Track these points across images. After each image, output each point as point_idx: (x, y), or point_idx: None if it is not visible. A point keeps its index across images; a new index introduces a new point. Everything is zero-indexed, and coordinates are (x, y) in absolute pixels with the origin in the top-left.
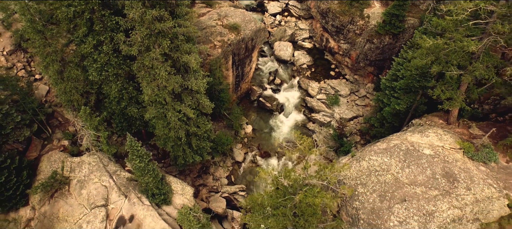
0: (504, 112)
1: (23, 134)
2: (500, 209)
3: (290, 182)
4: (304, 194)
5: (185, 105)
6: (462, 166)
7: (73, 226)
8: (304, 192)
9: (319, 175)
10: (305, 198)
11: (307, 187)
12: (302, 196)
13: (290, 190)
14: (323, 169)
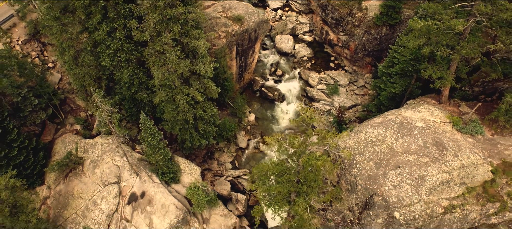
0: (492, 93)
1: (39, 117)
2: (484, 174)
3: (294, 147)
4: (307, 157)
5: (193, 89)
6: (451, 137)
7: (88, 202)
8: (307, 155)
9: (321, 141)
10: (308, 161)
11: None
12: (305, 159)
13: (294, 158)
14: (324, 136)
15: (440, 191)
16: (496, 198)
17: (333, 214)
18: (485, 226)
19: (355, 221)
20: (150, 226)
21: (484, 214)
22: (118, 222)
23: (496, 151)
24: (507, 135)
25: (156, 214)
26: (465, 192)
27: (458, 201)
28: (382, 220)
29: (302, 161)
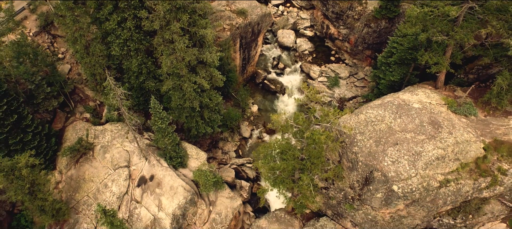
0: (485, 79)
1: (51, 104)
2: (476, 151)
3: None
4: (311, 132)
5: (200, 77)
6: (445, 117)
7: (99, 185)
8: (311, 130)
9: (324, 118)
10: (312, 136)
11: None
12: (309, 134)
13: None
14: (327, 113)
15: (436, 165)
16: (487, 173)
17: (335, 192)
18: (477, 199)
19: (356, 197)
20: (159, 207)
21: (477, 188)
22: (128, 203)
23: (488, 130)
24: (499, 116)
25: (165, 195)
26: (459, 167)
27: (452, 175)
28: (382, 195)
29: (306, 136)
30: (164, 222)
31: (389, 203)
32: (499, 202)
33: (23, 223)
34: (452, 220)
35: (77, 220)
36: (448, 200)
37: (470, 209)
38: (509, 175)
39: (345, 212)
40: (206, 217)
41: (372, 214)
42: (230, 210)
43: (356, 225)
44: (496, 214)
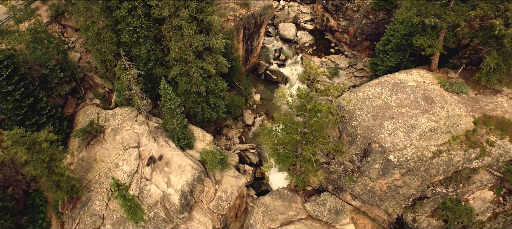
0: (477, 63)
1: (64, 89)
2: (466, 124)
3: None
4: (314, 104)
5: (206, 63)
6: (438, 93)
7: (110, 164)
8: (313, 102)
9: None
10: (314, 107)
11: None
12: (312, 105)
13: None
14: (328, 88)
15: (429, 137)
16: (477, 144)
17: (335, 166)
18: (467, 169)
19: (355, 170)
20: (168, 184)
21: (467, 158)
22: (138, 181)
23: (478, 107)
24: (488, 94)
25: (174, 173)
26: (450, 139)
27: (444, 147)
28: (379, 165)
29: (309, 108)
30: (173, 198)
31: (386, 172)
32: (487, 171)
33: (37, 202)
34: (445, 189)
35: (90, 198)
36: (441, 170)
37: (461, 178)
38: (496, 146)
39: (345, 185)
40: (212, 195)
41: (371, 185)
42: (235, 188)
43: (355, 197)
44: (485, 183)
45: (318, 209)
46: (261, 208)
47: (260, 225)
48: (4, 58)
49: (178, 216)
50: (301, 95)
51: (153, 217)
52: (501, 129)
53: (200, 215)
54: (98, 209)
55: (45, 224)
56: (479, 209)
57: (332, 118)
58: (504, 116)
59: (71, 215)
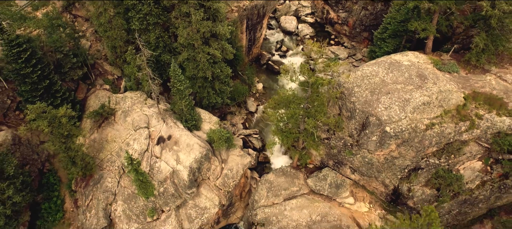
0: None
1: (76, 73)
2: (457, 99)
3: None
4: (316, 78)
5: (213, 48)
6: (431, 71)
7: (121, 144)
8: (315, 77)
9: (326, 68)
10: (316, 81)
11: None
12: (314, 79)
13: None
14: (328, 64)
15: (422, 110)
16: (466, 118)
17: (335, 141)
18: (458, 142)
19: (354, 144)
20: (177, 161)
21: (457, 131)
22: (149, 159)
23: (468, 84)
24: (478, 73)
25: (182, 151)
26: (442, 113)
27: (436, 120)
28: (376, 138)
29: (311, 82)
30: (182, 174)
31: (383, 144)
32: (476, 143)
33: (51, 181)
34: (437, 160)
35: (102, 175)
36: (433, 141)
37: (452, 149)
38: (484, 120)
39: (345, 158)
40: (219, 173)
41: (369, 157)
42: (241, 166)
43: (354, 170)
44: (474, 154)
45: (320, 184)
46: (265, 185)
47: (264, 200)
48: (23, 42)
49: (187, 192)
50: (304, 71)
51: (163, 192)
52: (489, 103)
53: (207, 192)
54: (110, 186)
55: (59, 202)
56: (469, 178)
57: (332, 93)
58: (492, 92)
59: (84, 192)
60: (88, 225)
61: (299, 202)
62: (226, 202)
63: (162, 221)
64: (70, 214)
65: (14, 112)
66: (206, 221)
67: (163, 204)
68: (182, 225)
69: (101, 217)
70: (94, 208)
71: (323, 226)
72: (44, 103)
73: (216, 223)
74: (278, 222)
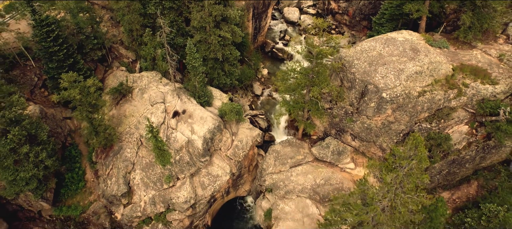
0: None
1: (96, 54)
2: (446, 70)
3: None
4: (320, 49)
5: (224, 31)
6: (423, 46)
7: (139, 118)
8: (319, 48)
9: (329, 41)
10: (320, 51)
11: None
12: (318, 50)
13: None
14: (331, 37)
15: (415, 79)
16: (455, 86)
17: (337, 110)
18: (447, 108)
19: (355, 111)
20: (192, 132)
21: (446, 98)
22: (166, 130)
23: (456, 58)
24: (466, 49)
25: (196, 123)
26: (433, 81)
27: (428, 88)
28: (374, 104)
29: (315, 52)
30: (197, 143)
31: (380, 109)
32: (463, 109)
33: (73, 153)
34: (429, 125)
35: (121, 147)
36: (425, 107)
37: (442, 115)
38: (470, 88)
39: (346, 126)
40: (229, 144)
41: (367, 122)
42: (250, 138)
43: (355, 137)
44: (461, 118)
45: (323, 151)
46: (272, 154)
47: (272, 168)
48: (51, 23)
49: (200, 160)
50: (309, 44)
51: (179, 160)
52: (475, 74)
53: (219, 161)
54: (129, 156)
55: (81, 172)
56: (457, 140)
57: (335, 64)
58: (478, 64)
59: (105, 162)
60: (109, 191)
61: (304, 168)
62: (236, 171)
63: (177, 187)
64: (90, 183)
65: (40, 90)
66: (218, 188)
67: (178, 171)
68: (196, 191)
69: (121, 183)
70: (115, 176)
71: (326, 188)
72: (76, 73)
73: (227, 194)
74: (285, 187)
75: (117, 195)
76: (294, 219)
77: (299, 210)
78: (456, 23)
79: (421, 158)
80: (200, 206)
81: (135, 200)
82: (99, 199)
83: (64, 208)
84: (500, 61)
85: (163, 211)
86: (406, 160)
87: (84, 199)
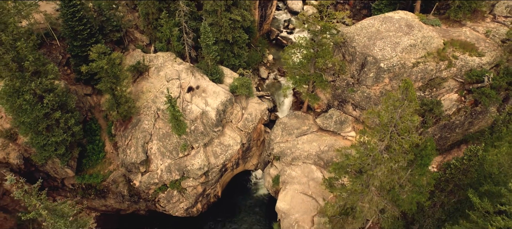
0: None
1: (115, 36)
2: (438, 44)
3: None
4: (324, 23)
5: (234, 15)
6: (417, 23)
7: (156, 93)
8: (324, 22)
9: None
10: (325, 25)
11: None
12: (323, 24)
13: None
14: (334, 13)
15: (409, 51)
16: (445, 58)
17: (340, 82)
18: (439, 78)
19: (355, 82)
20: (206, 104)
21: (438, 69)
22: (181, 103)
23: (447, 34)
24: (456, 27)
25: (210, 97)
26: (426, 54)
27: (421, 59)
28: (373, 74)
29: (320, 25)
30: (210, 114)
31: (378, 78)
32: (453, 79)
33: (93, 127)
34: (422, 93)
35: (139, 119)
36: (419, 76)
37: (434, 84)
38: (459, 59)
39: (347, 96)
40: (240, 117)
41: (367, 91)
42: (259, 111)
43: (356, 106)
44: (452, 87)
45: (326, 121)
46: (280, 126)
47: (279, 138)
48: (77, 3)
49: (214, 130)
50: (315, 18)
51: (193, 130)
52: (463, 47)
53: (230, 132)
54: (147, 127)
55: (101, 144)
56: (447, 107)
57: (337, 38)
58: (466, 39)
59: (124, 134)
60: (129, 160)
61: (309, 137)
62: (246, 142)
63: (192, 156)
64: (110, 155)
65: (63, 68)
66: (229, 157)
67: (193, 140)
68: (209, 160)
69: (140, 152)
70: (134, 145)
71: (330, 154)
72: (104, 45)
73: (236, 166)
74: (291, 154)
75: (136, 163)
76: (301, 182)
77: (305, 174)
78: (448, 5)
79: (411, 98)
80: (213, 174)
81: (152, 168)
82: (118, 169)
83: (86, 176)
84: (487, 36)
85: (178, 178)
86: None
87: (104, 169)
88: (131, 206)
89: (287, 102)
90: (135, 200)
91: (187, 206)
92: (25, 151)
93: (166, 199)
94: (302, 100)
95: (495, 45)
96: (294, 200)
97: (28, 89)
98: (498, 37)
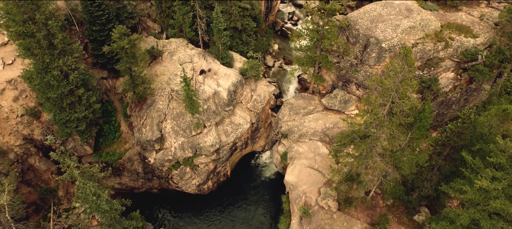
0: None
1: (130, 22)
2: (435, 26)
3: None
4: (330, 6)
5: (244, 2)
6: (417, 8)
7: (170, 75)
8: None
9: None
10: (331, 6)
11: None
12: (329, 6)
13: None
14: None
15: (409, 32)
16: (442, 39)
17: (344, 63)
18: (436, 58)
19: (358, 62)
20: (218, 85)
21: (436, 49)
22: (194, 85)
23: (445, 18)
24: (453, 11)
25: (221, 79)
26: (424, 35)
27: (420, 41)
28: (375, 54)
29: (327, 8)
30: (222, 94)
31: (380, 58)
32: (450, 59)
33: (109, 108)
34: (421, 72)
35: (154, 100)
36: (418, 56)
37: (432, 64)
38: (455, 41)
39: (351, 76)
40: (249, 98)
41: (369, 71)
42: (267, 93)
43: (359, 86)
44: (448, 67)
45: (331, 101)
46: (287, 106)
47: (287, 117)
48: None
49: (225, 109)
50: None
51: (206, 109)
52: (459, 30)
53: (240, 111)
54: (161, 107)
55: (117, 124)
56: (445, 84)
57: (342, 21)
58: (462, 23)
59: (139, 114)
60: (144, 138)
61: (315, 116)
62: (255, 122)
63: (204, 134)
64: (125, 134)
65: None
66: (239, 135)
67: (205, 119)
68: (220, 138)
69: (155, 130)
70: (149, 124)
71: (335, 130)
72: (125, 27)
73: (245, 146)
74: (298, 131)
75: (152, 140)
76: (307, 157)
77: (311, 150)
78: None
79: (410, 63)
80: (224, 151)
81: (166, 146)
82: (133, 147)
83: (103, 154)
84: (481, 20)
85: (191, 155)
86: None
87: (120, 147)
88: (145, 183)
89: (292, 89)
90: (149, 177)
91: (199, 182)
92: (48, 128)
93: (179, 176)
94: (307, 87)
95: (489, 27)
96: (302, 174)
97: (56, 66)
98: (492, 21)
